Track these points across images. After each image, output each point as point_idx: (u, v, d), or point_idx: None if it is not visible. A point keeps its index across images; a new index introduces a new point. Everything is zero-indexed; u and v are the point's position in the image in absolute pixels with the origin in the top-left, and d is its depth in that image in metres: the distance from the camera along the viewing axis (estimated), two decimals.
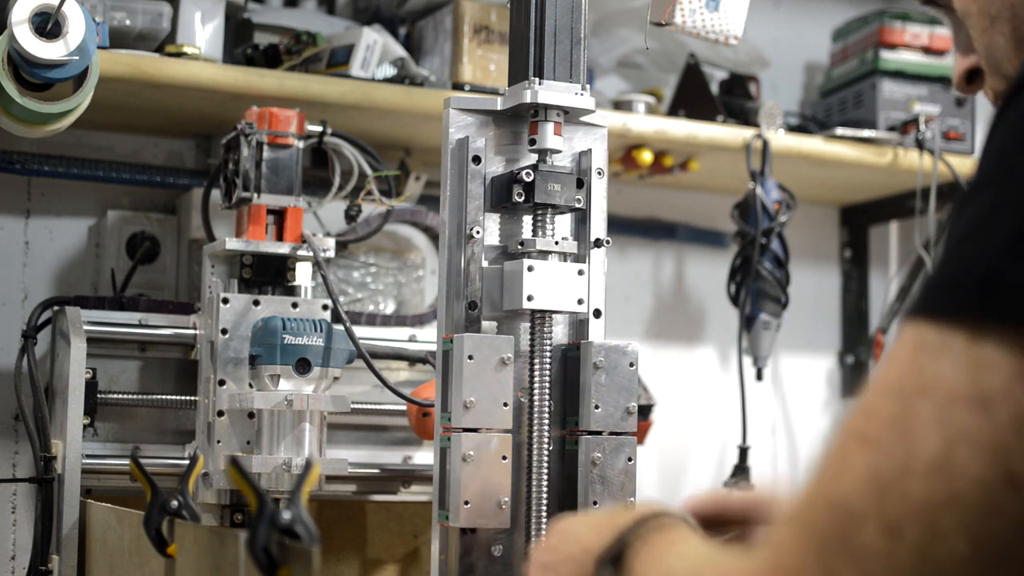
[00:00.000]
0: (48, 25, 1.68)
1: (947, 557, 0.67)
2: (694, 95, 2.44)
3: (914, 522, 0.68)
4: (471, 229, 1.53)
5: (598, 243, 1.59)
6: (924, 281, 0.75)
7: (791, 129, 2.53)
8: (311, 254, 1.88)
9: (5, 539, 2.12)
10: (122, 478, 1.88)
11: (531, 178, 1.53)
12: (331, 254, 1.91)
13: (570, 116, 1.58)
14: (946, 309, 0.72)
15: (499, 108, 1.58)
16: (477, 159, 1.55)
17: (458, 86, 2.17)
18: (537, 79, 1.54)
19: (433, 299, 2.30)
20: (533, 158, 1.58)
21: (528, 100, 1.54)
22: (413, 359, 2.02)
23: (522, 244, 1.55)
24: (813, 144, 2.46)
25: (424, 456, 2.11)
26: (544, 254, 1.54)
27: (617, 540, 1.02)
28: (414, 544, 2.10)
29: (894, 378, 0.72)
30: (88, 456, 1.86)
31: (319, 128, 1.98)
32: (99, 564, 1.73)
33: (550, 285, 1.53)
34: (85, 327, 1.87)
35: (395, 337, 2.08)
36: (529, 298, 1.52)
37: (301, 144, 1.92)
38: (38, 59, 1.67)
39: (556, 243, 1.55)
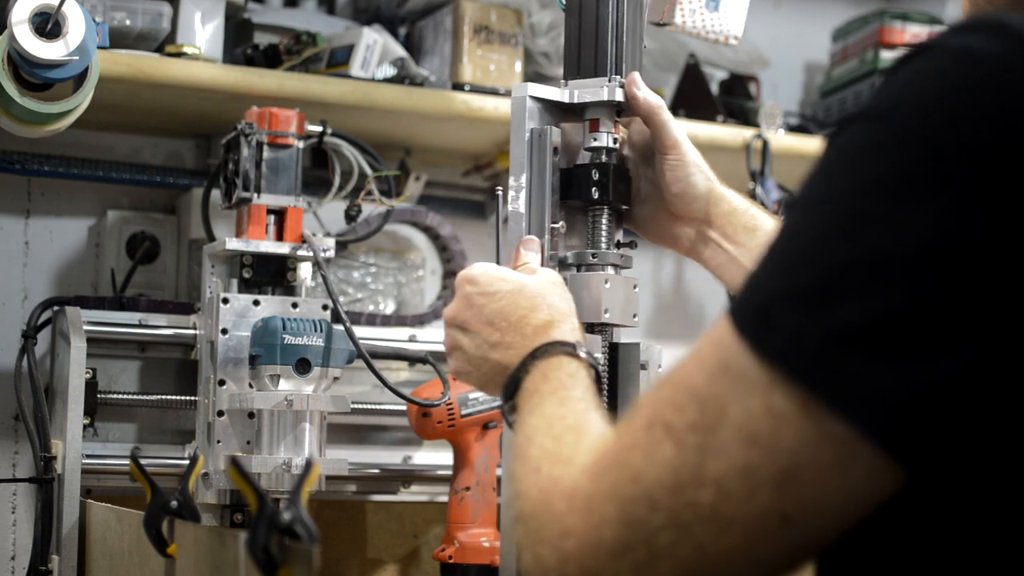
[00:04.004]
0: (48, 25, 1.68)
1: (724, 565, 0.76)
2: (694, 95, 2.44)
3: (701, 527, 0.76)
4: (554, 224, 1.44)
5: (631, 245, 1.51)
6: (745, 277, 0.81)
7: (791, 129, 2.53)
8: (311, 254, 1.88)
9: (5, 539, 2.12)
10: (122, 478, 1.88)
11: (606, 176, 1.44)
12: (331, 254, 1.91)
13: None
14: (742, 326, 0.78)
15: (572, 100, 1.47)
16: (556, 151, 1.45)
17: (458, 86, 2.17)
18: (618, 77, 1.46)
19: (433, 299, 2.30)
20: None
21: (615, 98, 1.45)
22: (413, 359, 2.02)
23: (595, 256, 1.45)
24: (813, 144, 2.45)
25: (424, 456, 2.11)
26: (616, 267, 1.46)
27: (511, 379, 1.15)
28: (414, 544, 2.10)
29: (701, 384, 0.79)
30: (88, 456, 1.86)
31: (319, 128, 1.98)
32: (99, 564, 1.73)
33: (619, 298, 1.46)
34: (85, 327, 1.87)
35: (395, 337, 2.07)
36: (606, 311, 1.44)
37: (301, 144, 1.92)
38: (38, 59, 1.67)
39: (621, 256, 1.47)
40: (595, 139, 1.46)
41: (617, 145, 1.47)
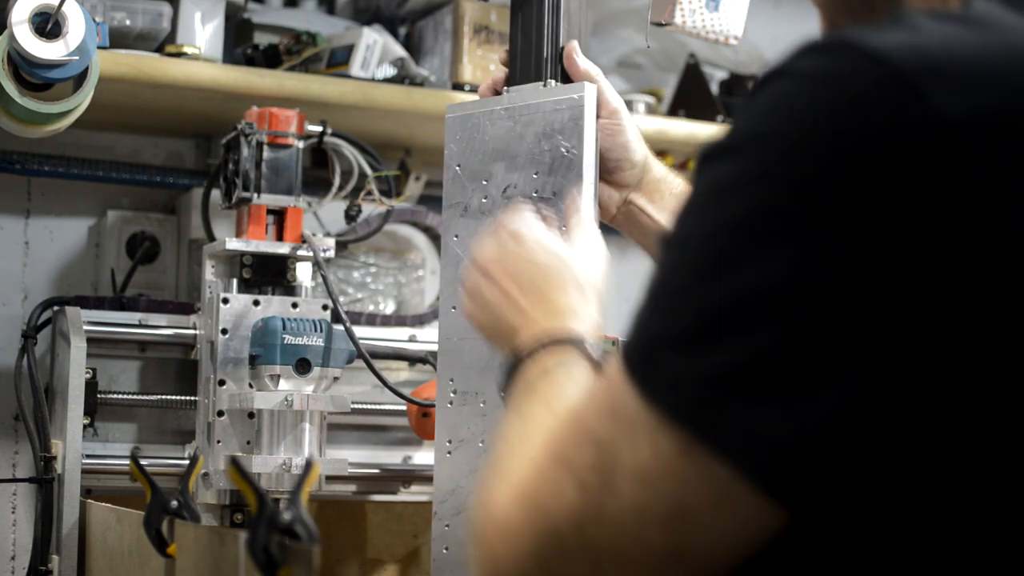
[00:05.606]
0: (48, 25, 1.68)
1: None
2: (694, 95, 2.44)
3: (606, 563, 0.78)
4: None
5: None
6: (632, 316, 0.82)
7: None
8: (311, 254, 1.88)
9: (5, 539, 2.12)
10: (122, 478, 1.88)
11: None
12: (331, 254, 1.91)
13: None
14: (630, 368, 0.79)
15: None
16: None
17: (458, 86, 2.17)
18: (553, 80, 1.55)
19: (433, 299, 2.30)
20: None
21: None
22: (413, 359, 2.02)
23: None
24: None
25: (424, 456, 2.11)
26: None
27: (515, 356, 1.13)
28: (414, 544, 2.10)
29: (598, 424, 0.80)
30: (88, 456, 1.86)
31: (319, 128, 1.98)
32: (99, 564, 1.73)
33: None
34: (85, 327, 1.87)
35: (395, 337, 2.07)
36: None
37: (301, 144, 1.93)
38: (38, 59, 1.67)
39: None
40: None
41: None
